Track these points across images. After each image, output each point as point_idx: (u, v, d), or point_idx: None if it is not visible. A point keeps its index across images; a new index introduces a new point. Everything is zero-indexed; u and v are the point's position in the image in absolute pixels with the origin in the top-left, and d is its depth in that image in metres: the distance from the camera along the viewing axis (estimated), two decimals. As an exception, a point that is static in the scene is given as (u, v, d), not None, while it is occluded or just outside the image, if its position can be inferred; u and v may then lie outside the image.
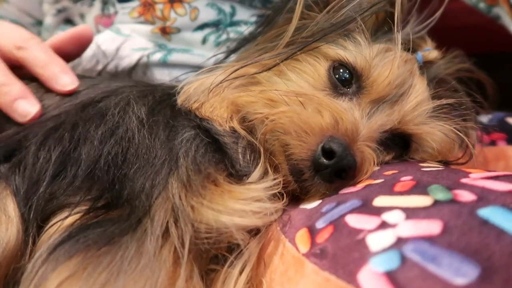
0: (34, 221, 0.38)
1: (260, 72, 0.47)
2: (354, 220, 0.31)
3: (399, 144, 0.45)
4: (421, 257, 0.24)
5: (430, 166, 0.40)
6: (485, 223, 0.25)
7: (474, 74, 0.54)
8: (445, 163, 0.46)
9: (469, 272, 0.22)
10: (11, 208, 0.38)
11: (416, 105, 0.44)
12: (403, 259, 0.25)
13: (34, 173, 0.40)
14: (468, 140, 0.45)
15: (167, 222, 0.36)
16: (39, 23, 0.80)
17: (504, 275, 0.21)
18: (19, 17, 0.79)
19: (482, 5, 0.65)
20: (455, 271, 0.23)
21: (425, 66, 0.50)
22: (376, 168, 0.42)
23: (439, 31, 0.54)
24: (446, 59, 0.54)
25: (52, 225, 0.36)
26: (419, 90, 0.44)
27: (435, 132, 0.44)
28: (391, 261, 0.25)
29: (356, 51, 0.44)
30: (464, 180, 0.32)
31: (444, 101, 0.44)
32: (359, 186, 0.37)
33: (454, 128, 0.44)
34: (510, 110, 0.61)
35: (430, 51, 0.49)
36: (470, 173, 0.34)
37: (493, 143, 0.58)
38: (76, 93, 0.48)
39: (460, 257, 0.23)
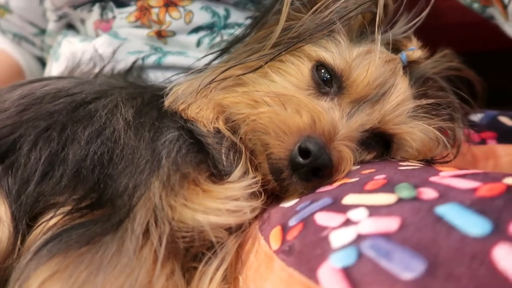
0: (23, 219, 0.39)
1: (246, 74, 0.48)
2: (322, 218, 0.32)
3: (380, 144, 0.46)
4: (376, 253, 0.25)
5: (409, 165, 0.41)
6: (439, 219, 0.25)
7: (463, 73, 0.54)
8: (430, 162, 0.47)
9: (416, 267, 0.23)
10: (2, 210, 0.39)
11: (397, 104, 0.44)
12: (360, 255, 0.26)
13: (25, 173, 0.41)
14: (447, 140, 0.45)
15: (148, 222, 0.37)
16: (43, 32, 0.82)
17: (447, 270, 0.22)
18: (22, 28, 0.81)
19: (476, 6, 0.64)
20: (404, 266, 0.23)
21: (410, 65, 0.50)
22: (357, 167, 0.42)
23: (432, 30, 0.54)
24: (434, 58, 0.54)
25: (38, 226, 0.38)
26: (401, 89, 0.45)
27: (414, 132, 0.44)
28: (348, 257, 0.26)
29: (337, 52, 0.45)
30: (432, 178, 0.32)
31: (424, 101, 0.44)
32: (335, 184, 0.38)
33: (435, 127, 0.44)
34: (503, 108, 0.61)
35: (414, 51, 0.49)
36: (441, 171, 0.34)
37: (483, 141, 0.58)
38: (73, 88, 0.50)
39: (410, 252, 0.24)
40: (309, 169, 0.38)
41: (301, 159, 0.38)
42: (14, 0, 0.78)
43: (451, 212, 0.25)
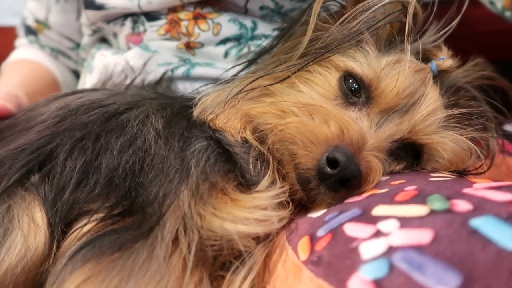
0: (58, 225, 0.41)
1: (273, 84, 0.49)
2: (351, 229, 0.31)
3: (410, 154, 0.45)
4: (408, 265, 0.25)
5: (440, 176, 0.40)
6: (474, 232, 0.24)
7: (496, 82, 0.53)
8: (462, 173, 0.45)
9: (451, 281, 0.22)
10: (39, 216, 0.41)
11: (427, 114, 0.43)
12: (391, 267, 0.25)
13: (61, 181, 0.43)
14: (480, 150, 0.44)
15: (177, 229, 0.37)
16: (78, 46, 0.86)
17: (484, 284, 0.21)
18: (59, 43, 0.86)
19: (508, 14, 0.63)
20: (438, 279, 0.23)
21: (441, 75, 0.49)
22: (386, 177, 0.42)
23: (463, 39, 0.53)
24: (465, 67, 0.53)
25: (73, 232, 0.39)
26: (431, 99, 0.44)
27: (446, 142, 0.43)
28: (379, 269, 0.26)
29: (365, 62, 0.45)
30: (466, 190, 0.31)
31: (455, 111, 0.43)
32: (364, 195, 0.38)
33: (467, 137, 0.43)
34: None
35: (444, 60, 0.48)
36: (475, 183, 0.33)
37: (518, 153, 0.56)
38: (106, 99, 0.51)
39: (444, 265, 0.23)
40: (337, 179, 0.38)
41: (329, 169, 0.38)
42: (53, 17, 0.83)
43: (486, 225, 0.25)
